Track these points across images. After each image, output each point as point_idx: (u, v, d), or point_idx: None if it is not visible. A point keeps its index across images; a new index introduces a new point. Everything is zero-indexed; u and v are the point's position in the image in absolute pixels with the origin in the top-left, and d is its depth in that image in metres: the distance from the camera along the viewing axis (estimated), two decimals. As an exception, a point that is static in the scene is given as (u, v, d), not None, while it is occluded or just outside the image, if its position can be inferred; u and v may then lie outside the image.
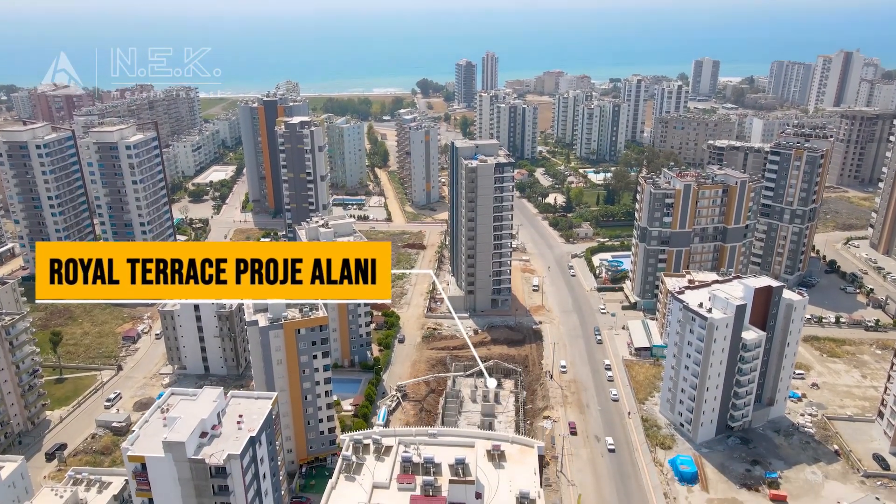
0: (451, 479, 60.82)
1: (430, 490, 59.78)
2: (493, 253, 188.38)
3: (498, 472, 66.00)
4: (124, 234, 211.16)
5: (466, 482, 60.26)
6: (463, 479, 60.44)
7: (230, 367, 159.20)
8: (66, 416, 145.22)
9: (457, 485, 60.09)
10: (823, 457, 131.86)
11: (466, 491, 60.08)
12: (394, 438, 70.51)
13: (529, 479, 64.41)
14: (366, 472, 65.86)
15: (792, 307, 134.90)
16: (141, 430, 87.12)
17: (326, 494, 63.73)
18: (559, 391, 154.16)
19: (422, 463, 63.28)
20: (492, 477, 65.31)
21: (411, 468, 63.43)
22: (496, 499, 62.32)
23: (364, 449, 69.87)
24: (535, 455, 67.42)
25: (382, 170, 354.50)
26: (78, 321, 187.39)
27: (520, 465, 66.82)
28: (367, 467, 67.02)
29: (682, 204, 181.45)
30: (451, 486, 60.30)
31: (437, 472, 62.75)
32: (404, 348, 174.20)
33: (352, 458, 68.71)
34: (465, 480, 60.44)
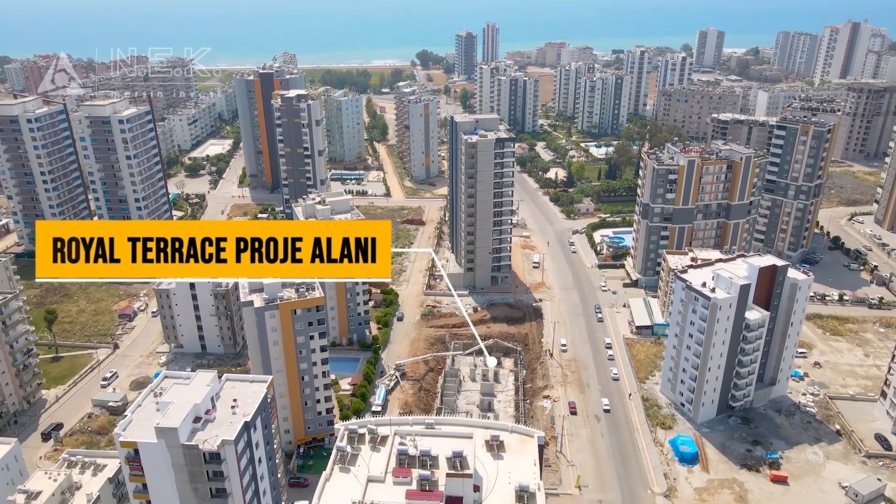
0: (448, 473, 59.17)
1: (427, 485, 58.17)
2: (493, 229, 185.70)
3: (497, 464, 64.37)
4: (119, 211, 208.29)
5: (464, 476, 58.66)
6: (461, 473, 58.81)
7: (227, 345, 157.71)
8: (62, 395, 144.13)
9: (454, 478, 58.55)
10: (825, 437, 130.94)
11: (464, 484, 58.52)
12: (389, 428, 68.78)
13: (529, 470, 62.76)
14: (361, 463, 64.26)
15: (797, 286, 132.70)
16: (133, 415, 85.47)
17: (320, 487, 62.16)
18: (559, 370, 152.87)
19: (418, 456, 61.56)
20: (490, 468, 63.71)
21: (407, 461, 61.68)
22: (495, 491, 60.76)
23: (359, 439, 68.25)
24: (534, 445, 65.72)
25: (381, 144, 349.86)
26: (73, 298, 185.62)
27: (519, 455, 65.16)
28: (363, 458, 65.40)
29: (686, 180, 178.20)
30: (449, 479, 58.72)
31: (434, 465, 61.04)
32: (403, 326, 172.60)
33: (346, 448, 67.01)
34: (462, 474, 58.81)
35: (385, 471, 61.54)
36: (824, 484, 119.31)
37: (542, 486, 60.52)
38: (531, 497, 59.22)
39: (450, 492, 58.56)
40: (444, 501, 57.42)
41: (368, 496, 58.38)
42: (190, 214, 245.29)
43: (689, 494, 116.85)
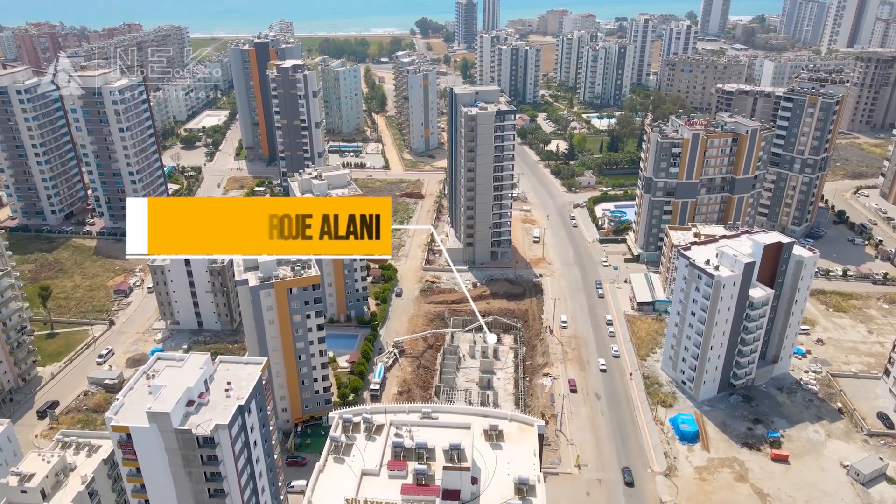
0: (445, 466, 57.48)
1: (423, 479, 56.52)
2: (493, 204, 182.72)
3: (495, 454, 62.67)
4: (113, 184, 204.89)
5: (462, 469, 56.99)
6: (458, 466, 57.12)
7: (224, 322, 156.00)
8: (58, 372, 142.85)
9: (451, 471, 56.88)
10: (827, 415, 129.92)
11: (462, 477, 56.88)
12: (385, 416, 66.95)
13: (529, 461, 61.06)
14: (356, 454, 62.62)
15: (802, 264, 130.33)
16: (125, 398, 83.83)
17: (313, 478, 60.55)
18: (559, 347, 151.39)
19: (414, 448, 59.82)
20: (489, 459, 62.03)
21: (403, 453, 59.93)
22: (493, 483, 59.12)
23: (354, 427, 66.50)
24: (534, 434, 63.97)
25: (380, 115, 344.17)
26: (68, 274, 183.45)
27: (519, 445, 63.44)
28: (357, 448, 63.72)
29: (690, 154, 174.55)
30: (446, 472, 57.05)
31: (431, 458, 59.34)
32: (402, 302, 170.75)
33: (340, 438, 65.26)
34: (460, 467, 57.13)
35: (380, 463, 59.78)
36: (825, 463, 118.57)
37: (542, 477, 58.98)
38: (531, 489, 57.63)
39: (447, 485, 56.92)
40: (440, 495, 55.83)
41: (362, 491, 56.76)
42: (186, 188, 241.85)
43: (689, 473, 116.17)
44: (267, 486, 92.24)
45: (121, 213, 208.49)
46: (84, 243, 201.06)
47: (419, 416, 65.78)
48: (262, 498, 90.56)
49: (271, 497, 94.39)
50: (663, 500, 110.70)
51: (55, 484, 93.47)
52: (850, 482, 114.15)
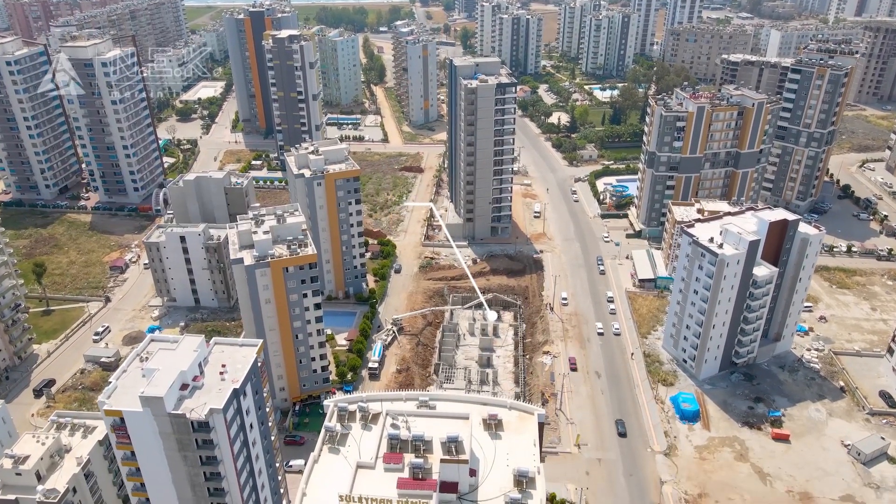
0: (442, 459, 55.98)
1: (420, 473, 55.05)
2: (494, 178, 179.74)
3: (494, 444, 61.20)
4: (107, 158, 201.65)
5: (459, 462, 55.53)
6: (456, 459, 55.66)
7: (221, 299, 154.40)
8: (54, 350, 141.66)
9: (449, 464, 55.44)
10: (828, 393, 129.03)
11: (459, 470, 55.48)
12: (380, 404, 65.39)
13: (528, 451, 59.56)
14: (351, 443, 61.16)
15: (807, 241, 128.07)
16: (118, 381, 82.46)
17: (308, 470, 59.11)
18: (560, 324, 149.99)
19: (410, 440, 58.28)
20: (488, 449, 60.58)
21: (399, 445, 58.42)
22: (492, 474, 57.70)
23: (350, 416, 64.99)
24: (534, 423, 62.41)
25: (379, 86, 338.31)
26: (64, 249, 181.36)
27: (518, 434, 61.92)
28: (353, 437, 62.24)
29: (695, 127, 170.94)
30: (443, 465, 55.60)
31: (428, 450, 57.80)
32: (400, 279, 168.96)
33: (336, 427, 63.71)
34: (457, 460, 55.68)
35: (375, 456, 58.26)
36: (826, 442, 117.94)
37: (542, 468, 57.56)
38: (530, 482, 56.25)
39: (444, 477, 55.52)
40: (437, 489, 54.46)
41: (357, 485, 55.33)
42: (182, 161, 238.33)
43: (689, 453, 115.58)
44: (264, 468, 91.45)
45: (116, 188, 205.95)
46: (79, 218, 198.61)
47: (416, 405, 64.17)
48: (259, 480, 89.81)
49: (269, 478, 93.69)
50: (663, 479, 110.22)
51: (50, 466, 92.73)
52: (850, 461, 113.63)
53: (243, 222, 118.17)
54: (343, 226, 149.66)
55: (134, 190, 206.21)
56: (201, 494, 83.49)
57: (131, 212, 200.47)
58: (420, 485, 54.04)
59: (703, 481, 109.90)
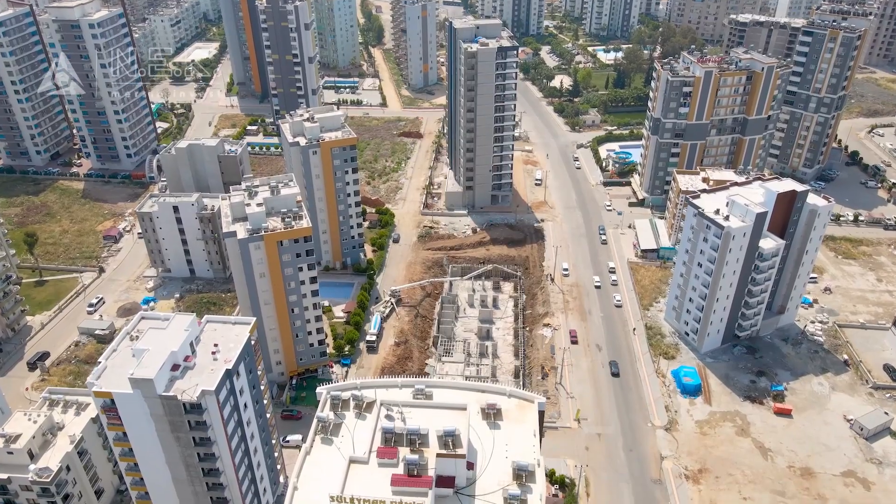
0: (438, 453, 54.01)
1: (415, 469, 53.10)
2: (494, 146, 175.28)
3: (493, 434, 59.21)
4: (98, 123, 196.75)
5: (457, 456, 53.56)
6: (452, 454, 53.69)
7: (216, 270, 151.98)
8: (48, 322, 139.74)
9: (446, 458, 53.50)
10: (832, 367, 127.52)
11: (456, 464, 53.58)
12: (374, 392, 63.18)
13: (528, 442, 57.54)
14: (344, 433, 59.20)
15: (816, 213, 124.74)
16: (108, 361, 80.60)
17: (299, 462, 57.23)
18: (560, 296, 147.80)
19: (406, 434, 56.20)
20: (486, 440, 58.63)
21: (394, 439, 56.38)
22: (490, 467, 55.80)
23: (343, 405, 62.96)
24: (534, 412, 60.32)
25: (377, 48, 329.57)
26: (56, 218, 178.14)
27: (518, 424, 59.87)
28: (347, 427, 60.26)
29: (702, 93, 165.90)
30: (440, 459, 53.67)
31: (424, 444, 55.79)
32: (399, 248, 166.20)
33: (328, 417, 61.65)
34: (454, 454, 53.70)
35: (369, 450, 56.27)
36: (829, 416, 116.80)
37: (542, 460, 55.67)
38: (530, 475, 54.37)
39: (441, 471, 53.62)
40: (433, 485, 52.55)
41: (350, 481, 53.42)
42: (175, 126, 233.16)
43: (689, 427, 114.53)
44: (259, 447, 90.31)
45: (108, 154, 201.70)
46: (71, 185, 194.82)
47: (411, 392, 61.96)
48: (255, 459, 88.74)
49: (265, 456, 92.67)
50: (663, 454, 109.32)
51: (43, 444, 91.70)
52: (853, 436, 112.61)
53: (236, 194, 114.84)
54: (340, 195, 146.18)
55: (127, 156, 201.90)
56: (196, 474, 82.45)
57: (125, 179, 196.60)
58: (415, 482, 52.17)
59: (703, 456, 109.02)
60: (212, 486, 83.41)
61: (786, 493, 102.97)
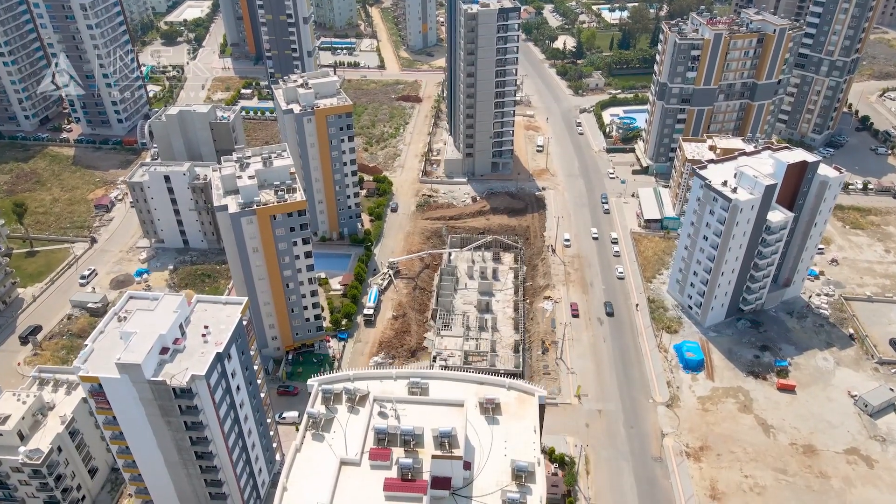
0: (434, 455, 51.64)
1: (409, 473, 50.77)
2: (495, 111, 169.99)
3: (491, 430, 56.90)
4: (88, 88, 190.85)
5: (453, 458, 51.28)
6: (449, 455, 51.40)
7: (210, 241, 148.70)
8: (39, 294, 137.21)
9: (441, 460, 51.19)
10: (837, 341, 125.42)
11: (453, 466, 51.32)
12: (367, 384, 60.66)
13: (528, 439, 55.21)
14: (336, 429, 56.91)
15: (826, 185, 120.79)
16: (95, 344, 78.17)
17: (290, 459, 55.06)
18: (562, 267, 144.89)
19: (399, 434, 53.71)
20: (484, 436, 56.35)
21: (387, 439, 53.96)
22: (488, 466, 53.55)
23: (335, 398, 60.51)
24: (535, 406, 57.87)
25: (375, 7, 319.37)
26: (46, 186, 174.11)
27: (517, 419, 57.51)
28: (339, 422, 57.93)
29: (710, 56, 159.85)
30: (435, 461, 51.31)
31: (418, 444, 53.46)
32: (397, 218, 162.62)
33: (319, 413, 59.23)
34: (451, 456, 51.43)
35: (361, 450, 53.93)
36: (833, 392, 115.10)
37: (542, 459, 53.43)
38: (529, 476, 52.15)
39: (436, 472, 51.41)
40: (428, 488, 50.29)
41: (341, 485, 51.19)
42: (167, 90, 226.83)
43: (691, 404, 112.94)
44: (254, 428, 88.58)
45: (98, 120, 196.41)
46: (62, 152, 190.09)
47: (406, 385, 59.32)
48: (249, 440, 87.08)
49: (260, 437, 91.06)
50: (664, 431, 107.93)
51: (33, 424, 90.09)
52: (857, 413, 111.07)
53: (227, 165, 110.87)
54: (336, 164, 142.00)
55: (118, 122, 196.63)
56: (188, 458, 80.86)
57: (116, 145, 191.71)
58: (409, 487, 49.96)
59: (704, 433, 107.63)
60: (205, 468, 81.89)
61: (787, 470, 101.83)
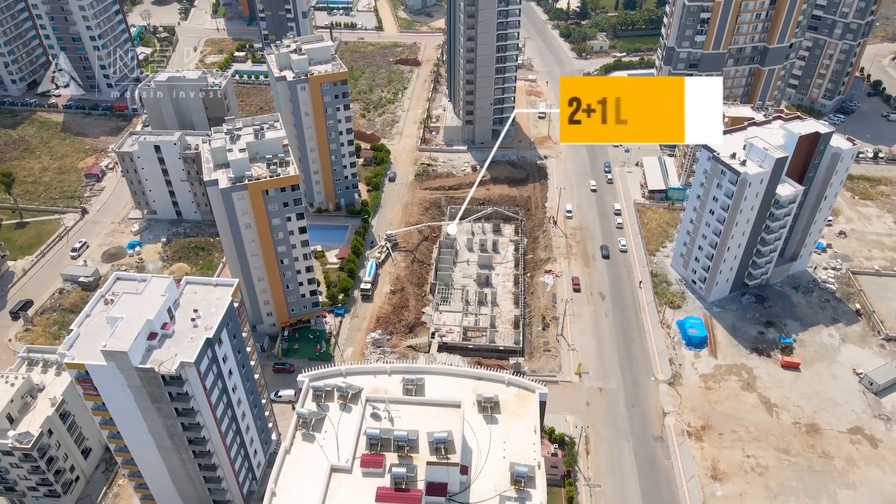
0: (429, 462, 49.38)
1: (403, 482, 48.55)
2: (496, 77, 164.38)
3: (490, 429, 54.59)
4: (74, 50, 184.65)
5: (449, 464, 49.03)
6: (445, 462, 49.14)
7: (204, 212, 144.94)
8: (30, 267, 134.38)
9: (437, 467, 48.95)
10: (843, 317, 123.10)
11: (449, 472, 49.15)
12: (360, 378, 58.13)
13: (528, 440, 52.92)
14: (328, 428, 54.63)
15: (839, 157, 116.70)
16: (81, 328, 75.60)
17: (279, 461, 52.89)
18: (563, 240, 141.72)
19: (393, 439, 51.32)
20: (482, 437, 54.06)
21: (380, 444, 51.62)
22: (486, 470, 51.36)
23: (327, 396, 58.05)
24: (535, 403, 55.45)
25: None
26: (35, 154, 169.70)
27: (517, 418, 55.14)
28: (330, 421, 55.62)
29: (721, 19, 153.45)
30: (430, 467, 49.08)
31: (413, 449, 51.14)
32: (395, 188, 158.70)
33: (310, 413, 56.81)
34: (447, 462, 49.18)
35: (353, 456, 51.60)
36: (837, 370, 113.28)
37: (543, 462, 51.21)
38: (529, 481, 49.99)
39: (431, 478, 49.27)
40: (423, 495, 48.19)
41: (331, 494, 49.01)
42: (159, 51, 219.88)
43: (693, 381, 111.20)
44: (248, 410, 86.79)
45: (87, 84, 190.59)
46: (50, 118, 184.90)
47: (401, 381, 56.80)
48: (243, 424, 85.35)
49: (254, 418, 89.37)
50: (666, 410, 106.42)
51: (22, 407, 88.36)
52: (861, 391, 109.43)
53: (217, 138, 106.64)
54: (331, 134, 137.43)
55: (107, 86, 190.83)
56: (181, 443, 79.21)
57: (106, 110, 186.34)
58: (402, 497, 47.86)
59: (706, 412, 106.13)
60: (198, 453, 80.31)
61: (790, 450, 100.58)
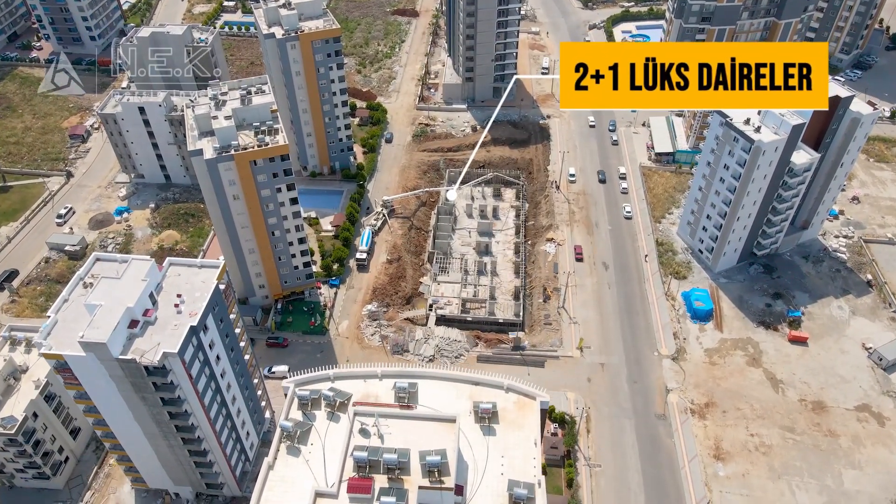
0: (421, 486, 46.12)
1: (393, 511, 45.45)
2: (497, 32, 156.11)
3: (487, 442, 51.28)
4: (63, 22, 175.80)
5: (443, 489, 45.80)
6: (438, 486, 45.94)
7: (193, 176, 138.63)
8: (14, 235, 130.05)
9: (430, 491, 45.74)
10: (853, 288, 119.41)
11: (443, 497, 45.81)
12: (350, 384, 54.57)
13: (528, 454, 49.62)
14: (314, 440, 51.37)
15: (858, 122, 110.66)
16: (59, 315, 71.99)
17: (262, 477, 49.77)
18: (566, 206, 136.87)
19: (382, 463, 47.86)
20: (479, 449, 50.77)
21: (368, 466, 48.27)
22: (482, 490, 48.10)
23: (314, 404, 54.61)
24: (536, 412, 51.96)
25: None
26: (17, 112, 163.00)
27: (517, 429, 51.73)
28: (317, 433, 52.34)
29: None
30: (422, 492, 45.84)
31: (404, 472, 47.86)
32: (392, 150, 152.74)
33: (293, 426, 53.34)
34: (440, 486, 45.98)
35: (339, 478, 48.36)
36: (846, 344, 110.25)
37: (544, 480, 48.06)
38: (528, 502, 46.84)
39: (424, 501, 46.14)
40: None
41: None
42: (144, 2, 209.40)
43: (698, 356, 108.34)
44: (238, 394, 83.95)
45: (69, 37, 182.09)
46: (32, 73, 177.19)
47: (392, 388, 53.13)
48: (233, 408, 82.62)
49: (245, 400, 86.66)
50: (669, 387, 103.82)
51: (5, 390, 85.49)
52: (870, 367, 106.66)
53: (201, 103, 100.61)
54: (324, 94, 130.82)
55: (90, 39, 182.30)
56: (168, 430, 76.63)
57: (90, 66, 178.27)
58: (392, 528, 45.00)
59: (710, 389, 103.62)
60: (187, 440, 77.86)
61: (795, 429, 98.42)
